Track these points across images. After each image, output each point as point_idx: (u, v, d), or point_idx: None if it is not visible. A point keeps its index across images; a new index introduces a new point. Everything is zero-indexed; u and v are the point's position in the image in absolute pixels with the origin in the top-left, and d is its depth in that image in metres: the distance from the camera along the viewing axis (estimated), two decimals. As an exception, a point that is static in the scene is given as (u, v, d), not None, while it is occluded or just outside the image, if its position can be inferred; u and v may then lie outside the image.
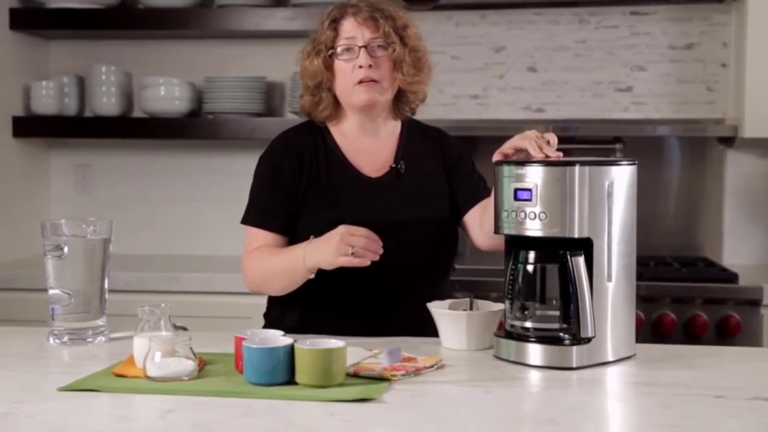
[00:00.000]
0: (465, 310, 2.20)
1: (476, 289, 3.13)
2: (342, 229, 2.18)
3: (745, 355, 2.20)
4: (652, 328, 3.33)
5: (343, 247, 2.15)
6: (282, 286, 2.34)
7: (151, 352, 1.86)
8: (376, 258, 2.16)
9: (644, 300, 3.35)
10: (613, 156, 3.76)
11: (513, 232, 2.05)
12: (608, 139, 3.83)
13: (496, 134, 3.57)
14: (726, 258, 3.84)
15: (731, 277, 3.41)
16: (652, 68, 3.93)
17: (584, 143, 3.85)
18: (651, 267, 3.54)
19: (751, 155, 3.86)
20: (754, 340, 3.26)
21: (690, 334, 3.30)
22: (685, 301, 3.35)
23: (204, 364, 1.96)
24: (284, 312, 2.42)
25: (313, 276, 2.26)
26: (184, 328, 3.43)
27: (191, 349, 1.89)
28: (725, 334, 3.28)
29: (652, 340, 3.27)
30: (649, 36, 3.92)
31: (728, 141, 3.78)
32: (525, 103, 4.01)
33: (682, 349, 2.23)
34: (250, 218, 2.41)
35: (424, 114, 3.82)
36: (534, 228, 2.00)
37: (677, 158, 3.96)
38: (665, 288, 3.37)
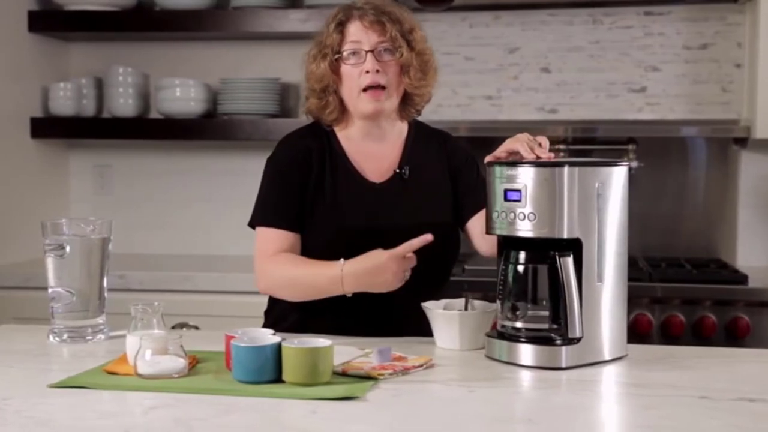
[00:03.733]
0: (460, 310, 2.21)
1: (486, 290, 3.12)
2: (385, 259, 2.19)
3: (737, 356, 2.19)
4: (660, 330, 3.32)
5: (400, 276, 2.20)
6: (306, 297, 2.34)
7: (142, 349, 1.89)
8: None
9: (654, 301, 3.35)
10: (626, 157, 3.75)
11: (504, 232, 2.06)
12: (622, 140, 3.82)
13: (510, 135, 3.59)
14: (740, 260, 3.82)
15: (741, 278, 3.38)
16: (667, 69, 3.92)
17: (598, 144, 3.85)
18: (662, 268, 3.53)
19: (766, 156, 3.82)
20: (763, 342, 3.23)
21: (699, 336, 3.29)
22: (694, 303, 3.33)
23: (195, 362, 1.99)
24: (285, 313, 2.43)
25: (350, 295, 2.27)
26: (196, 327, 3.48)
27: (182, 347, 1.91)
28: (734, 335, 3.26)
29: (661, 342, 3.26)
30: (663, 36, 3.91)
31: (742, 142, 3.76)
32: (539, 104, 4.01)
33: (676, 350, 2.23)
34: (263, 219, 2.40)
35: (438, 115, 3.88)
36: (524, 229, 2.01)
37: (692, 159, 3.94)
38: (675, 289, 3.36)
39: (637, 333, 3.26)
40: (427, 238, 2.19)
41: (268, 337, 1.92)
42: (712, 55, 3.88)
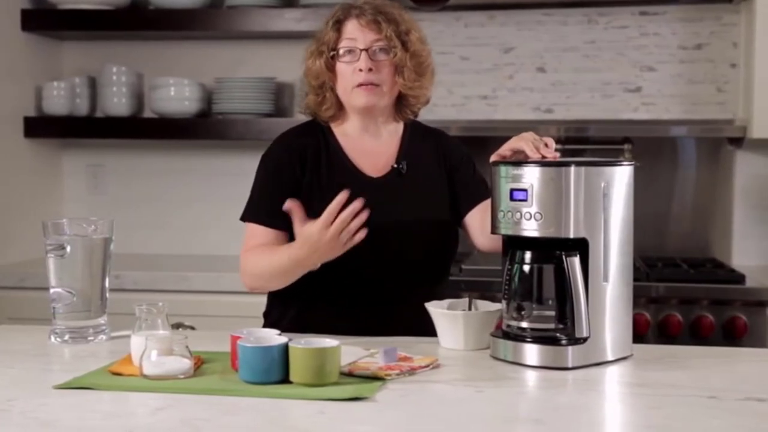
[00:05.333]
0: (464, 310, 2.21)
1: (483, 290, 3.15)
2: (315, 236, 2.14)
3: (742, 355, 2.19)
4: (658, 329, 3.33)
5: (338, 243, 2.15)
6: (281, 283, 2.35)
7: (148, 350, 1.88)
8: (364, 224, 2.14)
9: (651, 301, 3.35)
10: (621, 157, 3.75)
11: (509, 232, 2.05)
12: (617, 139, 3.82)
13: (505, 135, 3.56)
14: (735, 259, 3.83)
15: (738, 278, 3.39)
16: (662, 69, 3.92)
17: (593, 144, 3.85)
18: (659, 268, 3.53)
19: (761, 156, 3.84)
20: (760, 342, 3.24)
21: (696, 336, 3.29)
22: (691, 302, 3.33)
23: (201, 363, 1.97)
24: (284, 312, 2.43)
25: (317, 267, 2.25)
26: (192, 328, 3.46)
27: (187, 347, 1.90)
28: (732, 335, 3.27)
29: (659, 341, 3.27)
30: (659, 36, 3.92)
31: (738, 142, 3.77)
32: (534, 103, 4.01)
33: (680, 350, 2.23)
34: (253, 216, 2.41)
35: (434, 115, 3.87)
36: (530, 228, 2.00)
37: (687, 159, 3.95)
38: (672, 289, 3.36)
39: (634, 332, 3.22)
40: (342, 199, 2.13)
41: (275, 337, 1.91)
42: (708, 55, 3.89)
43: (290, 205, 2.19)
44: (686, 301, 3.34)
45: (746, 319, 3.27)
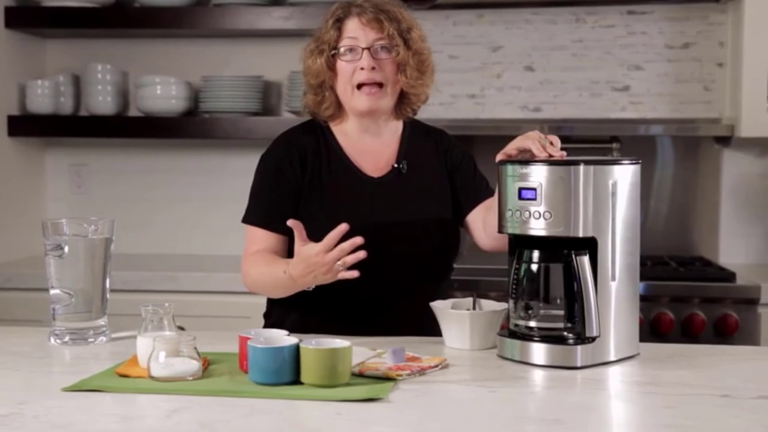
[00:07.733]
0: (468, 309, 2.20)
1: (475, 289, 3.13)
2: (313, 260, 2.10)
3: (749, 354, 2.20)
4: (650, 328, 3.34)
5: (333, 271, 2.10)
6: (279, 295, 2.34)
7: (155, 351, 1.86)
8: (364, 255, 2.09)
9: (642, 299, 3.31)
10: (609, 155, 3.76)
11: (517, 231, 2.04)
12: (605, 138, 3.83)
13: (493, 134, 3.55)
14: (722, 257, 3.85)
15: (729, 276, 3.41)
16: (649, 68, 3.94)
17: (581, 143, 3.85)
18: (649, 266, 3.54)
19: (748, 155, 3.86)
20: (751, 339, 3.27)
21: (688, 333, 3.31)
22: (682, 301, 3.35)
23: (208, 364, 1.95)
24: (285, 313, 2.41)
25: (311, 289, 2.23)
26: (182, 328, 3.43)
27: (195, 348, 1.88)
28: (723, 333, 3.29)
29: (651, 340, 3.27)
30: (646, 35, 3.93)
31: (725, 140, 3.79)
32: (522, 102, 4.01)
33: (686, 349, 2.23)
34: (253, 218, 2.40)
35: (422, 113, 3.83)
36: (538, 227, 2.00)
37: (674, 158, 3.97)
38: (663, 287, 3.38)
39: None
40: (343, 228, 2.09)
41: (285, 338, 1.89)
42: (695, 54, 3.91)
43: (293, 224, 2.15)
44: (677, 299, 3.36)
45: (737, 317, 3.29)
